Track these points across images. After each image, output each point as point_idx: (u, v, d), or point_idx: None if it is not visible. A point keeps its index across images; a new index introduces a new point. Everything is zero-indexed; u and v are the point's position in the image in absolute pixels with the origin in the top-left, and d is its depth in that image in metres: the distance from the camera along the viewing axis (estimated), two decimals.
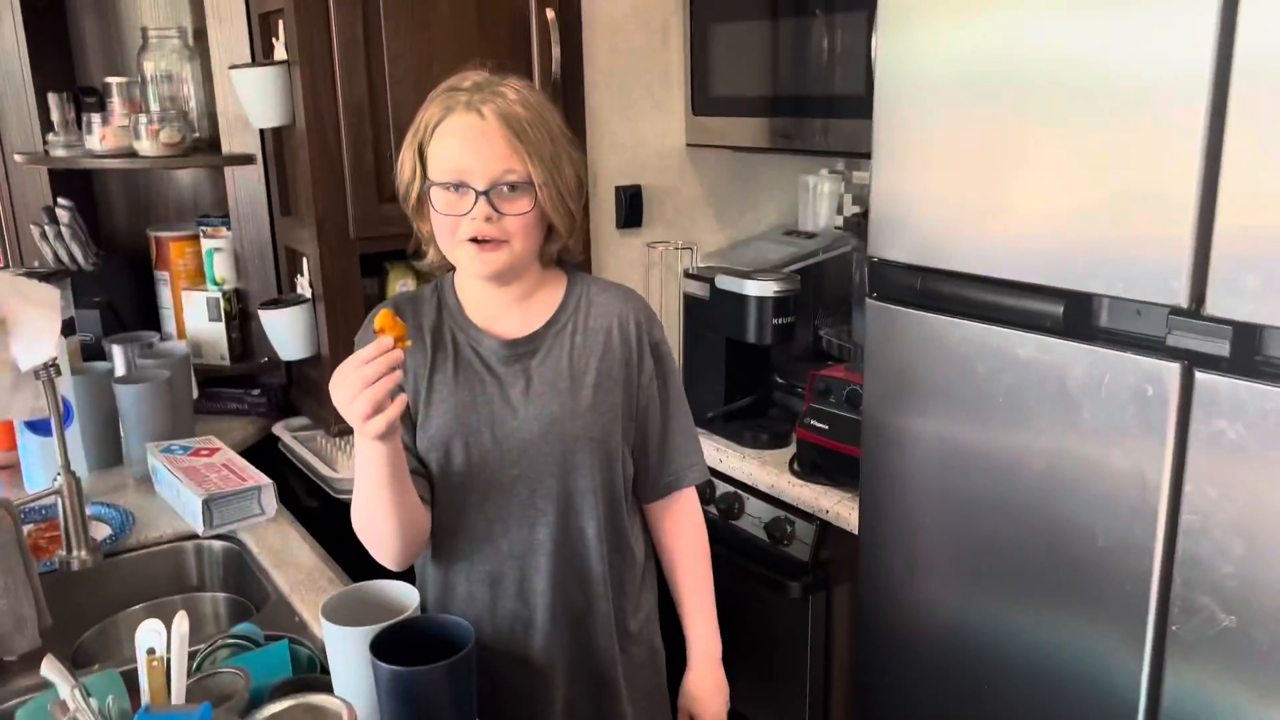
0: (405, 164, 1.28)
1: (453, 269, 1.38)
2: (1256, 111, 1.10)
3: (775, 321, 2.02)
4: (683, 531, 1.48)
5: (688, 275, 2.20)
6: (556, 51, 2.06)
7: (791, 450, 2.01)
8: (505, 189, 1.22)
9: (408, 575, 1.49)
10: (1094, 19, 1.23)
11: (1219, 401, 1.16)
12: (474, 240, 1.23)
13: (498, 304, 1.35)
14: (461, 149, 1.22)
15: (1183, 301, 1.18)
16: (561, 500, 1.34)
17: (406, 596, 1.20)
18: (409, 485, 1.23)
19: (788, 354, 2.27)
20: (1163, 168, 1.17)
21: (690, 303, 2.19)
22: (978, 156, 1.38)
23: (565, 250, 1.38)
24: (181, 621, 1.20)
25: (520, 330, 1.34)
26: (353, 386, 1.09)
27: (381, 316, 1.12)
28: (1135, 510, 1.26)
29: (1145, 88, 1.18)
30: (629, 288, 1.43)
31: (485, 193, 1.21)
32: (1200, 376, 1.18)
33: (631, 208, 2.33)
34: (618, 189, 2.31)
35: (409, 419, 1.34)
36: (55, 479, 1.46)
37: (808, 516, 1.87)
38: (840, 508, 1.79)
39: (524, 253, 1.27)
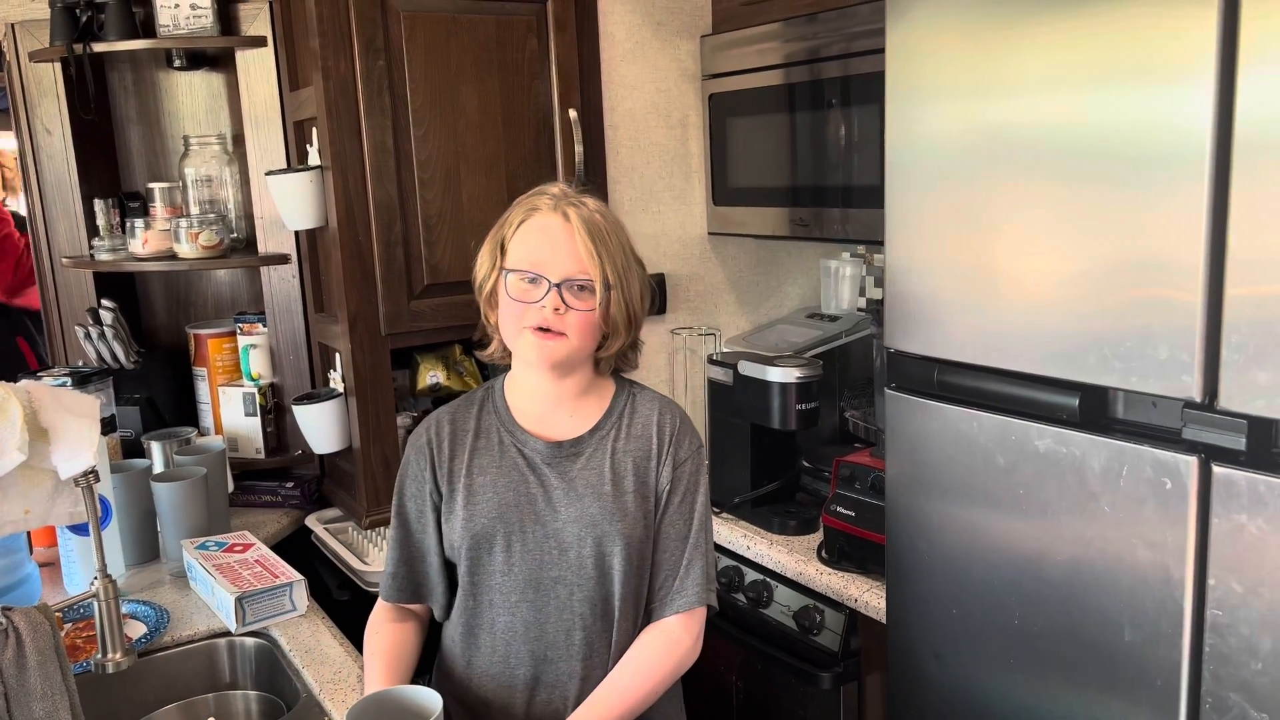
0: (484, 258, 1.37)
1: (508, 368, 1.43)
2: (1258, 186, 1.10)
3: (799, 407, 2.04)
4: (643, 640, 1.38)
5: (711, 361, 2.22)
6: (579, 149, 2.12)
7: (819, 536, 2.00)
8: (576, 286, 1.29)
9: (426, 665, 1.50)
10: (1094, 93, 1.23)
11: (1238, 495, 1.16)
12: (539, 330, 1.29)
13: (547, 403, 1.39)
14: (541, 243, 1.30)
15: (1196, 395, 1.18)
16: (599, 605, 1.34)
17: (430, 703, 1.21)
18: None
19: (815, 436, 2.27)
20: (1169, 244, 1.18)
21: (714, 388, 2.21)
22: (987, 238, 1.40)
23: (624, 359, 1.42)
24: None
25: (567, 433, 1.38)
26: None
27: None
28: (1161, 604, 1.25)
29: (1149, 161, 1.19)
30: (670, 399, 1.46)
31: (558, 285, 1.28)
32: (1218, 470, 1.17)
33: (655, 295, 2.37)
34: None
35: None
36: (92, 582, 1.50)
37: (837, 605, 1.86)
38: (869, 596, 1.78)
39: (581, 348, 1.33)
